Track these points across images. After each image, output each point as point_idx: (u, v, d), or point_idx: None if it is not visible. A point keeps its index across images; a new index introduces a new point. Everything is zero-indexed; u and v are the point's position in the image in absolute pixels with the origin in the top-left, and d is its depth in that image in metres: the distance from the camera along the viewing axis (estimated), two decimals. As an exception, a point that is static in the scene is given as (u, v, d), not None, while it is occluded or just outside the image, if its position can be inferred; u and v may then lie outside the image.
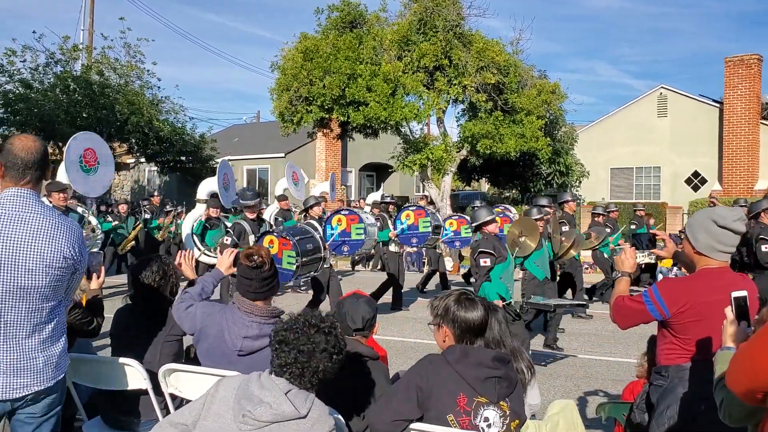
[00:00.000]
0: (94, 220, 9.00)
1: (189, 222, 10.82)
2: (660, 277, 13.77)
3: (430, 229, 10.20)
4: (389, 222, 11.67)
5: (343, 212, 9.07)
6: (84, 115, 21.65)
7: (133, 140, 23.38)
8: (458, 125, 22.05)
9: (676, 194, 24.72)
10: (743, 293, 2.38)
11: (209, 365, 3.41)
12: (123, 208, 15.39)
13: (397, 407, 2.76)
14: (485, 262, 6.67)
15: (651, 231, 12.35)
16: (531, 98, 19.83)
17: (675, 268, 13.65)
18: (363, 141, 23.74)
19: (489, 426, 2.72)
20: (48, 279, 2.68)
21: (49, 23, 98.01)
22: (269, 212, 13.11)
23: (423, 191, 23.18)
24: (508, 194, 27.28)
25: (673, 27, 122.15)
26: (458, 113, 22.49)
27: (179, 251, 4.47)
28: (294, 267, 6.36)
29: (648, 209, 20.82)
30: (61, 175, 8.42)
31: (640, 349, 5.60)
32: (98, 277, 4.03)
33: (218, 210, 10.76)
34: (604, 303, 13.77)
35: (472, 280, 7.82)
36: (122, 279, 13.51)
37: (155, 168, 27.01)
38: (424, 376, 2.78)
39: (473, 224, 7.45)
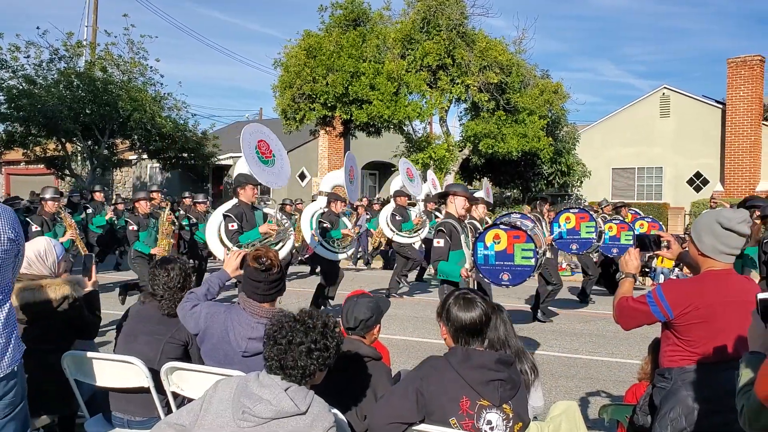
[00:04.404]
0: (280, 215, 8.71)
1: (307, 215, 10.43)
2: (662, 278, 13.77)
3: (594, 236, 8.96)
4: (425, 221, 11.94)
5: (572, 210, 8.72)
6: (87, 111, 21.69)
7: (136, 137, 23.41)
8: (461, 124, 22.10)
9: (678, 195, 24.69)
10: None
11: (212, 365, 3.40)
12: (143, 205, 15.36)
13: (395, 410, 2.74)
14: None
15: (656, 232, 12.42)
16: (533, 98, 19.85)
17: (677, 269, 13.65)
18: (366, 139, 23.74)
19: (492, 429, 2.71)
20: None
21: (53, 19, 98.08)
22: (386, 210, 12.50)
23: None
24: (509, 194, 27.27)
25: (679, 26, 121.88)
26: (461, 112, 22.55)
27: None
28: (533, 261, 5.81)
29: (650, 210, 20.84)
30: (242, 168, 8.08)
31: (642, 350, 5.60)
32: (90, 279, 4.19)
33: (343, 204, 10.47)
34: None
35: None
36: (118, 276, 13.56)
37: (157, 165, 27.02)
38: (425, 379, 2.77)
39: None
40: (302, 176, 27.72)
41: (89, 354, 3.77)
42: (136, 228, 10.12)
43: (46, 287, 3.88)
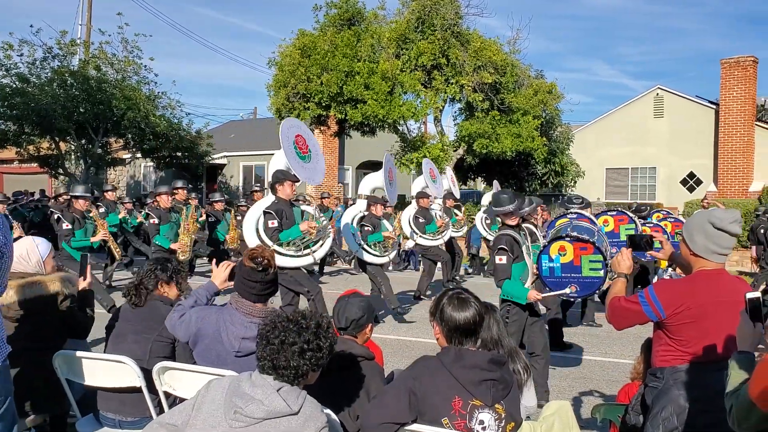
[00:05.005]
0: (318, 212, 8.49)
1: (348, 217, 10.23)
2: (655, 278, 13.80)
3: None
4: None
5: (609, 213, 8.24)
6: (81, 110, 21.59)
7: (130, 136, 23.33)
8: (455, 124, 22.12)
9: (672, 195, 24.76)
10: (757, 294, 2.38)
11: (205, 366, 3.40)
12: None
13: (387, 410, 2.74)
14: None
15: (650, 232, 12.43)
16: (527, 98, 19.88)
17: (669, 269, 13.68)
18: (360, 139, 23.73)
19: (484, 429, 2.71)
20: None
21: (47, 18, 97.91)
22: (408, 212, 12.10)
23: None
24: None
25: (673, 26, 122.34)
26: (455, 112, 22.56)
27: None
28: (602, 272, 5.58)
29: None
30: (279, 163, 7.87)
31: (635, 350, 5.61)
32: (85, 279, 4.19)
33: (383, 207, 10.11)
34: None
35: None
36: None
37: (151, 164, 26.94)
38: (418, 379, 2.76)
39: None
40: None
41: (81, 353, 3.77)
42: (157, 221, 9.94)
43: (38, 284, 3.88)
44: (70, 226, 8.67)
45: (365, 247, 9.55)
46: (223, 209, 13.01)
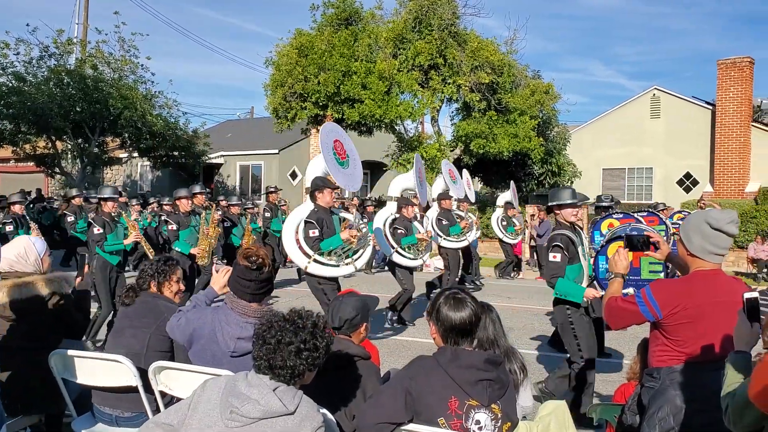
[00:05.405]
0: (358, 219, 8.31)
1: (380, 220, 9.90)
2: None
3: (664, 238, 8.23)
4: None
5: (640, 213, 7.59)
6: (77, 109, 21.56)
7: (126, 135, 23.29)
8: (452, 124, 22.13)
9: (668, 196, 24.77)
10: (755, 294, 2.38)
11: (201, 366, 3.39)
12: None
13: (383, 410, 2.73)
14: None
15: (645, 232, 12.39)
16: (524, 98, 19.91)
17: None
18: (357, 139, 23.68)
19: (480, 429, 2.71)
20: None
21: (44, 16, 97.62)
22: (431, 215, 11.78)
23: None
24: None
25: (670, 27, 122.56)
26: (452, 112, 22.63)
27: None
28: (662, 275, 5.29)
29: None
30: (316, 169, 7.57)
31: (631, 350, 5.61)
32: (81, 278, 4.24)
33: (413, 209, 9.81)
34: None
35: None
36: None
37: (148, 163, 26.91)
38: (414, 379, 2.76)
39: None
40: (293, 175, 27.68)
41: (77, 353, 3.76)
42: (175, 227, 9.67)
43: (34, 283, 3.87)
44: (101, 230, 8.32)
45: (399, 250, 9.36)
46: (239, 213, 12.86)
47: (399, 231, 9.43)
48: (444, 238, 11.35)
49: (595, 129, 27.25)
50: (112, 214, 8.59)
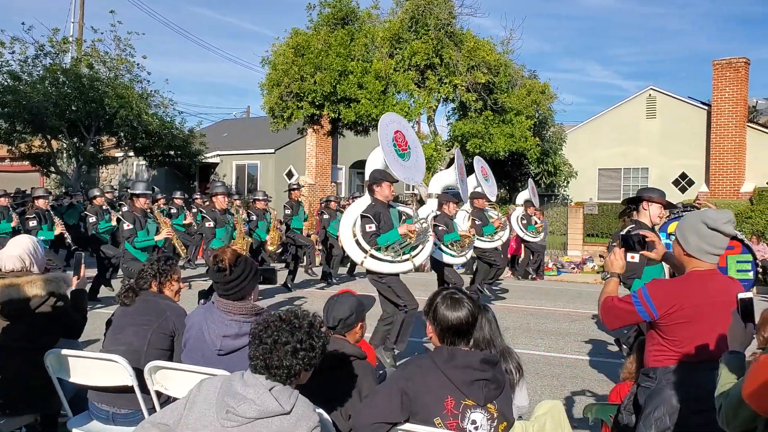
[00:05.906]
0: (417, 214, 7.89)
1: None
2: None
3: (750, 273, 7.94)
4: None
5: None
6: (73, 108, 21.51)
7: (122, 134, 23.26)
8: (448, 124, 22.12)
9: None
10: (749, 295, 2.39)
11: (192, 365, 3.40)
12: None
13: (379, 410, 2.73)
14: None
15: (641, 232, 12.37)
16: (521, 98, 19.93)
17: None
18: (354, 138, 23.72)
19: (476, 429, 2.71)
20: None
21: (39, 15, 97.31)
22: (461, 215, 10.97)
23: (413, 189, 23.21)
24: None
25: (666, 27, 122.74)
26: (448, 112, 22.58)
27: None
28: (750, 274, 5.04)
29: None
30: (375, 162, 7.28)
31: (626, 350, 5.62)
32: (78, 278, 4.21)
33: (454, 206, 9.61)
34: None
35: None
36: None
37: (144, 162, 26.87)
38: (410, 379, 2.76)
39: None
40: (290, 174, 27.65)
41: (73, 352, 3.75)
42: (212, 224, 9.51)
43: (31, 284, 3.86)
44: (131, 226, 8.28)
45: (442, 247, 9.10)
46: (264, 208, 12.78)
47: (440, 228, 9.16)
48: (477, 238, 10.94)
49: (591, 129, 27.30)
50: (145, 211, 8.57)
